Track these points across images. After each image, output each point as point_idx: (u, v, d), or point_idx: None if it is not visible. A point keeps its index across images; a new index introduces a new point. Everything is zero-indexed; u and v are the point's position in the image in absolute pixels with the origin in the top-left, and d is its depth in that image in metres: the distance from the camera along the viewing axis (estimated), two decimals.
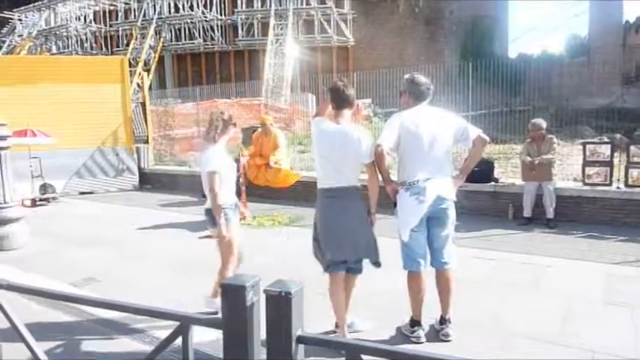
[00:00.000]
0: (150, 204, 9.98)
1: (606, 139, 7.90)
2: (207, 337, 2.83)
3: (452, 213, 3.49)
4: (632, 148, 6.83)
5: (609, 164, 6.88)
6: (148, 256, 6.04)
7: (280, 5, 23.15)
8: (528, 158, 6.94)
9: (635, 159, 6.72)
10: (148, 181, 12.55)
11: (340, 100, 3.41)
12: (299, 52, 22.30)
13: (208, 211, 3.87)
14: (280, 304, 1.28)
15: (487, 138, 3.56)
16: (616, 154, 7.11)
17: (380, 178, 3.43)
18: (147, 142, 13.20)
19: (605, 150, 6.93)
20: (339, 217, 3.32)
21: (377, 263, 3.46)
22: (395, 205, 3.49)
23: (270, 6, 23.13)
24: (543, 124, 7.02)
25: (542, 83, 16.65)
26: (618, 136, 10.56)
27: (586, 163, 7.04)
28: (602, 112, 14.13)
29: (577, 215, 6.94)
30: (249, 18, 24.45)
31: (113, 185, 12.08)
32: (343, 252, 3.35)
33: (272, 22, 22.44)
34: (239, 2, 24.34)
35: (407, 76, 3.62)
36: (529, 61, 23.06)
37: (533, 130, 7.00)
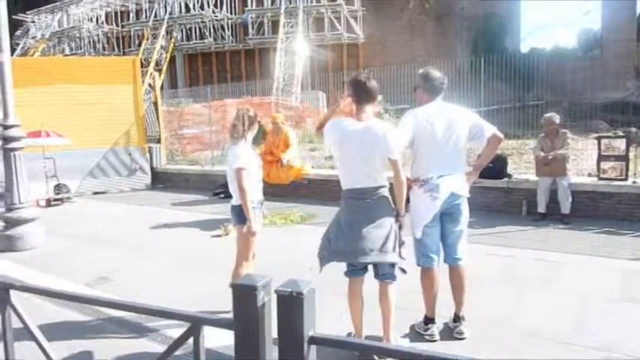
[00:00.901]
0: (162, 203, 10.05)
1: (621, 133, 7.77)
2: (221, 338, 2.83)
3: (465, 209, 3.46)
4: None
5: (625, 158, 6.76)
6: (161, 255, 6.08)
7: (290, 3, 23.11)
8: (542, 153, 6.85)
9: None
10: (160, 180, 12.64)
11: (362, 94, 3.20)
12: (309, 50, 22.27)
13: (234, 208, 3.84)
14: (292, 304, 1.27)
15: (502, 136, 3.52)
16: (631, 148, 6.98)
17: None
18: (159, 141, 13.29)
19: (621, 144, 6.82)
20: (359, 219, 3.12)
21: (401, 270, 3.23)
22: (408, 201, 3.46)
23: (280, 4, 23.11)
24: (556, 118, 6.93)
25: (554, 78, 16.43)
26: (633, 129, 10.38)
27: (601, 158, 6.93)
28: (617, 106, 13.91)
29: (592, 211, 6.84)
30: (260, 16, 24.48)
31: (126, 185, 12.17)
32: (353, 255, 3.13)
33: (282, 20, 22.42)
34: (249, 1, 24.38)
35: (421, 70, 3.57)
36: (541, 55, 22.76)
37: (547, 125, 6.92)
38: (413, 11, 25.35)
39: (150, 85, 18.23)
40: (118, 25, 27.13)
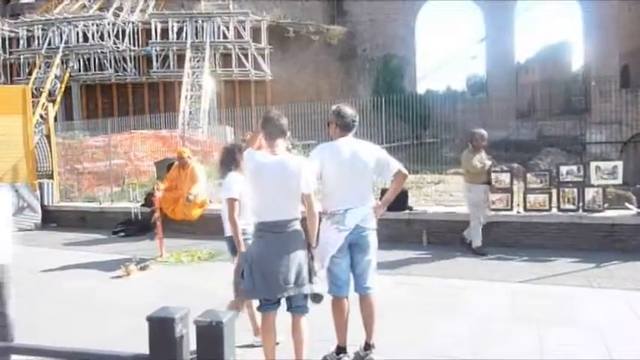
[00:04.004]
0: (55, 244, 9.26)
1: (506, 168, 8.56)
2: None
3: (372, 240, 3.60)
4: (529, 175, 7.51)
5: (510, 191, 7.46)
6: (55, 301, 5.57)
7: (197, 38, 23.04)
8: (488, 163, 7.22)
9: (532, 185, 7.37)
10: (52, 219, 11.63)
11: (274, 130, 3.34)
12: (216, 85, 22.22)
13: (229, 239, 3.78)
14: (211, 333, 1.25)
15: (407, 172, 3.76)
16: (515, 182, 7.72)
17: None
18: (51, 177, 12.31)
19: (506, 178, 7.52)
20: (273, 252, 3.14)
21: (316, 297, 3.27)
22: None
23: (186, 38, 22.95)
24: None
25: (447, 117, 17.81)
26: (515, 165, 11.49)
27: (490, 191, 7.57)
28: (501, 143, 15.43)
29: (485, 239, 7.38)
30: (165, 49, 24.03)
31: (11, 225, 11.06)
32: (269, 290, 3.13)
33: (188, 54, 22.23)
34: (153, 33, 23.89)
35: (334, 107, 3.73)
36: (435, 97, 24.70)
37: (482, 140, 7.26)
38: (318, 51, 26.42)
39: (42, 116, 17.02)
40: (5, 52, 25.18)
